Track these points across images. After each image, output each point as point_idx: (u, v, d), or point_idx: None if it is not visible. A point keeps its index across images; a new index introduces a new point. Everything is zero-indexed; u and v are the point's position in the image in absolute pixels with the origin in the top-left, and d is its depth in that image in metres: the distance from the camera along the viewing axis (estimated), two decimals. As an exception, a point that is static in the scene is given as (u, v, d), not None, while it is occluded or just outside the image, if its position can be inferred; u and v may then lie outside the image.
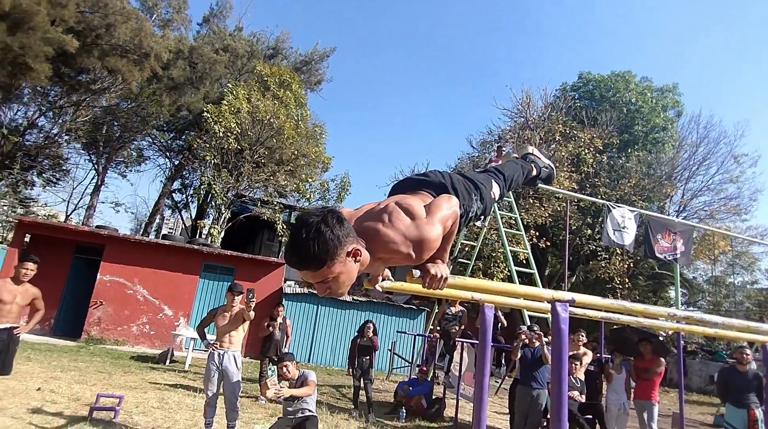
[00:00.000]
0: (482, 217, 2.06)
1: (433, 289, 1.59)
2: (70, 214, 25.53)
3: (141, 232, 24.79)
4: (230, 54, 18.99)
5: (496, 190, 1.98)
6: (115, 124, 21.75)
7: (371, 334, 7.27)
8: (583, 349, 6.56)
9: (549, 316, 1.93)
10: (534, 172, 2.38)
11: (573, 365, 5.97)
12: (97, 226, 12.84)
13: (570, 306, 1.87)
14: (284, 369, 4.35)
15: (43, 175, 22.49)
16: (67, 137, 21.34)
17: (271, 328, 7.43)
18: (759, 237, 18.48)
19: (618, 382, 6.81)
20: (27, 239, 11.14)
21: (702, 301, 20.76)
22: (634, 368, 6.85)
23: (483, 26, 60.60)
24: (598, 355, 8.10)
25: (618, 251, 16.06)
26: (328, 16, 57.84)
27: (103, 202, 33.35)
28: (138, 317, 11.51)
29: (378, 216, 1.47)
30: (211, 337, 5.96)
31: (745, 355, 5.87)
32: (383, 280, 2.15)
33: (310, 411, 4.26)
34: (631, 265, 16.47)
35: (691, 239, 10.37)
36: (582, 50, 55.77)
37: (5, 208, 19.84)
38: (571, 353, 6.35)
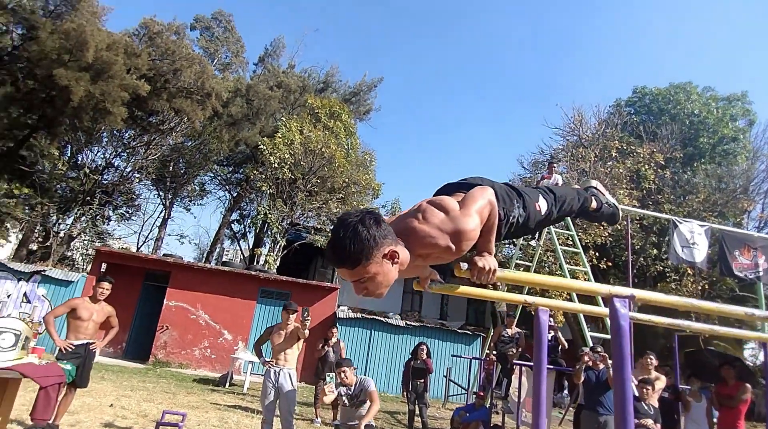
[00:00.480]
0: (532, 231, 2.00)
1: (482, 282, 1.57)
2: (141, 245, 27.41)
3: (203, 261, 26.12)
4: (283, 90, 20.06)
5: (542, 204, 1.91)
6: (181, 161, 23.41)
7: (425, 356, 7.14)
8: (654, 374, 6.06)
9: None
10: (594, 205, 2.25)
11: (644, 390, 5.53)
12: (164, 255, 13.68)
13: (630, 303, 1.78)
14: (342, 374, 4.48)
15: (118, 210, 24.45)
16: (138, 175, 23.21)
17: (326, 348, 7.49)
18: None
19: (698, 411, 6.23)
20: (103, 268, 12.05)
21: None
22: (716, 395, 6.24)
23: (531, 46, 60.21)
24: (674, 383, 7.48)
25: (689, 271, 14.90)
26: (376, 46, 59.83)
27: (169, 235, 35.67)
28: (200, 341, 11.99)
29: (412, 215, 1.52)
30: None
31: None
32: (432, 282, 2.15)
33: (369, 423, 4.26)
34: (706, 286, 15.14)
35: (775, 255, 9.45)
36: (635, 65, 53.80)
37: (86, 241, 21.63)
38: (640, 377, 5.90)
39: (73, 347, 4.60)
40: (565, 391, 7.32)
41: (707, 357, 6.58)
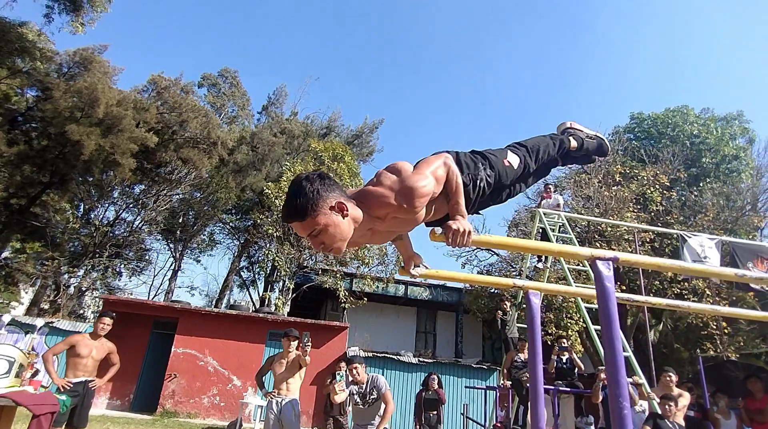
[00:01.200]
0: (511, 188, 1.96)
1: (458, 245, 1.56)
2: (152, 298, 27.43)
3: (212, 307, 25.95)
4: (287, 136, 20.65)
5: (513, 159, 1.91)
6: (190, 212, 23.80)
7: (436, 386, 6.89)
8: (677, 390, 5.77)
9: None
10: (574, 144, 2.19)
11: (666, 406, 5.25)
12: (171, 301, 13.64)
13: (614, 263, 1.75)
14: (354, 370, 4.44)
15: (129, 264, 24.64)
16: (148, 228, 23.57)
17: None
18: None
19: (728, 429, 5.88)
20: (111, 317, 11.97)
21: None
22: (745, 411, 5.91)
23: (529, 80, 61.78)
24: (700, 401, 7.10)
25: (708, 292, 14.47)
26: (378, 89, 61.80)
27: (180, 287, 35.66)
28: (209, 389, 11.70)
29: (369, 181, 1.64)
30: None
31: None
32: (416, 267, 2.13)
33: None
34: (727, 306, 14.65)
35: (791, 265, 9.18)
36: (630, 92, 54.85)
37: (96, 297, 21.69)
38: (662, 394, 5.62)
39: (72, 385, 4.51)
40: (590, 417, 6.95)
41: (731, 369, 6.24)
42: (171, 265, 25.29)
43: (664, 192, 16.80)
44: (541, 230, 8.76)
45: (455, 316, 20.44)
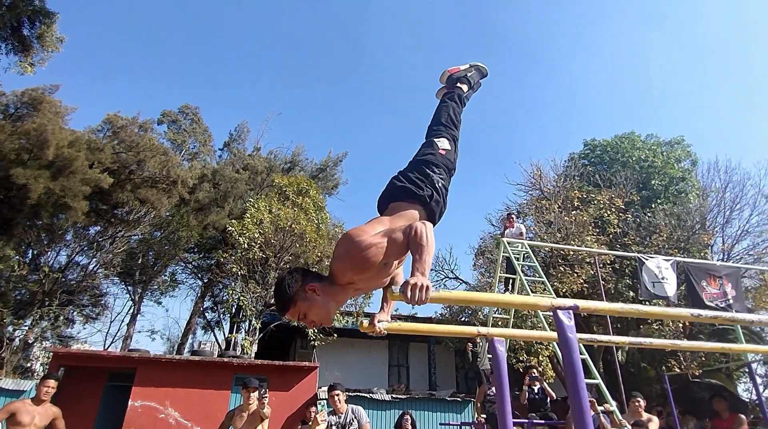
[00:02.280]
0: (454, 171, 2.22)
1: (416, 301, 1.53)
2: (108, 346, 25.80)
3: (175, 353, 24.63)
4: (250, 172, 20.39)
5: (444, 144, 2.18)
6: (150, 253, 22.84)
7: (409, 427, 6.69)
8: (646, 416, 5.83)
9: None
10: (465, 88, 2.48)
11: (638, 434, 5.28)
12: (128, 350, 12.85)
13: (574, 312, 1.74)
14: (336, 398, 4.51)
15: (83, 311, 23.23)
16: (105, 271, 22.40)
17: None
18: (820, 275, 17.03)
19: (698, 451, 5.94)
20: (60, 372, 11.14)
21: (780, 355, 18.55)
22: (713, 431, 6.01)
23: (485, 109, 64.03)
24: (670, 424, 7.19)
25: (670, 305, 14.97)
26: (340, 122, 62.44)
27: (139, 332, 33.82)
28: (170, 443, 10.94)
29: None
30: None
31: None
32: (380, 322, 2.11)
33: None
34: (688, 323, 15.16)
35: (740, 282, 9.64)
36: (583, 120, 57.75)
37: (46, 348, 20.22)
38: (632, 421, 5.66)
39: (11, 458, 4.10)
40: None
41: (696, 391, 6.39)
42: (129, 309, 24.05)
43: (620, 214, 17.51)
44: (506, 259, 8.86)
45: (427, 347, 20.23)
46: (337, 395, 4.53)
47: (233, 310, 20.44)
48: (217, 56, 54.33)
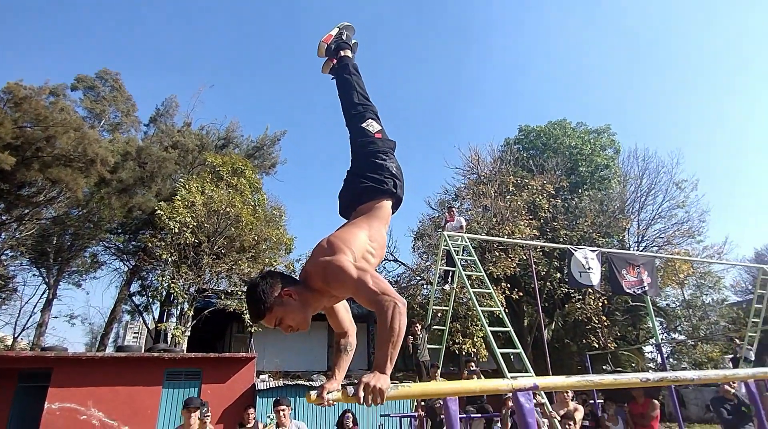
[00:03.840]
0: (395, 146, 2.27)
1: (369, 404, 1.41)
2: (18, 335, 23.59)
3: (98, 345, 23.08)
4: (180, 150, 19.02)
5: (373, 125, 2.21)
6: (66, 233, 20.89)
7: (351, 425, 6.71)
8: (572, 405, 6.23)
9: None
10: (349, 53, 2.52)
11: (567, 426, 5.62)
12: (42, 349, 11.77)
13: (534, 392, 1.69)
14: (282, 412, 4.66)
15: (-15, 298, 20.97)
16: (12, 253, 20.25)
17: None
18: (716, 255, 19.13)
19: (616, 434, 6.47)
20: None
21: (680, 326, 20.85)
22: (630, 415, 6.55)
23: (425, 91, 64.37)
24: (592, 401, 7.77)
25: (591, 290, 16.14)
26: (277, 99, 60.08)
27: (56, 317, 31.20)
28: (94, 445, 10.28)
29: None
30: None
31: (728, 387, 5.68)
32: (329, 392, 1.95)
33: None
34: (606, 301, 16.50)
35: (655, 269, 10.52)
36: (518, 106, 59.85)
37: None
38: (561, 412, 6.02)
39: None
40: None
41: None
42: (43, 293, 22.04)
43: (551, 199, 18.43)
44: (446, 252, 9.00)
45: (366, 327, 20.47)
46: (283, 410, 4.67)
47: (163, 296, 19.36)
48: (141, 17, 49.68)
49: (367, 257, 1.80)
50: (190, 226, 15.68)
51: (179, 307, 17.51)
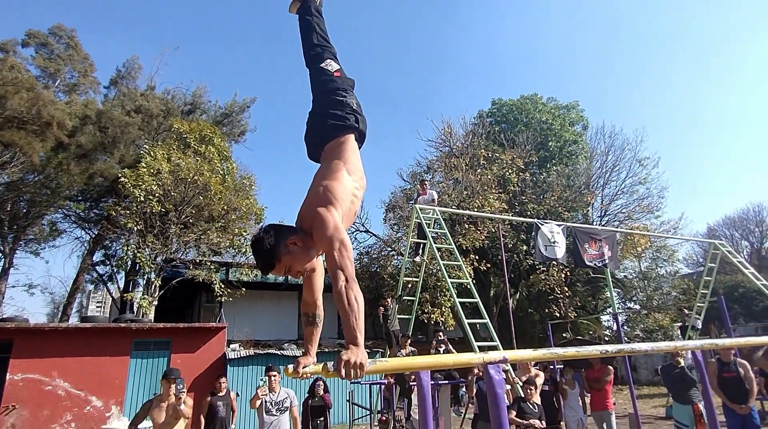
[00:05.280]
0: (354, 84, 2.33)
1: (351, 378, 1.47)
2: (-26, 305, 22.68)
3: (60, 316, 22.47)
4: (144, 114, 18.19)
5: (332, 65, 2.28)
6: (21, 199, 19.90)
7: (322, 392, 6.89)
8: (534, 371, 6.58)
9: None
10: (317, 2, 2.58)
11: (528, 390, 5.95)
12: (2, 319, 11.38)
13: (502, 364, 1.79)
14: (273, 378, 5.34)
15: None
16: (-38, 220, 19.20)
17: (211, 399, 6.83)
18: (672, 230, 20.14)
19: (573, 397, 6.89)
20: None
21: (636, 297, 22.06)
22: (586, 379, 6.98)
23: (400, 63, 63.36)
24: (551, 366, 8.20)
25: (554, 263, 16.77)
26: (247, 65, 57.91)
27: (13, 287, 30.05)
28: (60, 416, 10.17)
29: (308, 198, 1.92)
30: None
31: (677, 357, 6.10)
32: (305, 366, 2.01)
33: None
34: (568, 273, 17.20)
35: (616, 244, 11.00)
36: (492, 79, 59.83)
37: None
38: (524, 378, 6.35)
39: None
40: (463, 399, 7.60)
41: (575, 344, 7.37)
42: (-1, 261, 21.13)
43: (520, 173, 18.79)
44: (417, 225, 9.12)
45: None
46: (274, 376, 5.31)
47: (128, 265, 18.89)
48: (96, -33, 46.22)
49: (355, 194, 1.96)
50: (157, 195, 15.21)
51: (146, 277, 17.15)
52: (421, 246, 9.63)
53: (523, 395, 5.99)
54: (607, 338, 18.78)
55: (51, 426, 10.04)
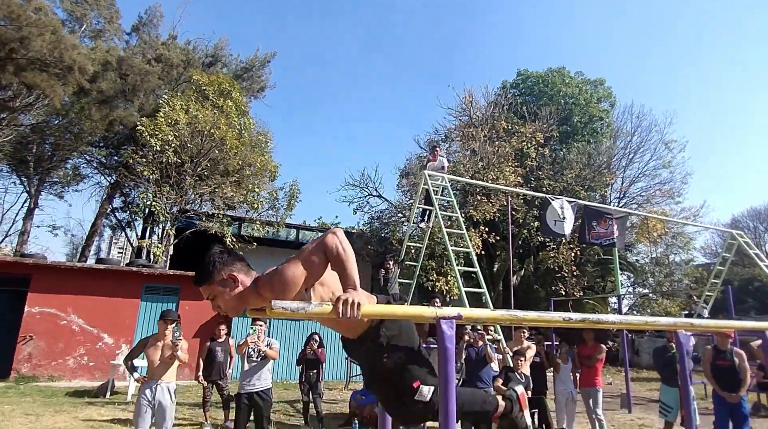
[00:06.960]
0: None
1: (348, 317, 1.52)
2: (1, 241, 23.74)
3: (78, 257, 23.35)
4: (164, 64, 18.16)
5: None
6: (46, 142, 20.39)
7: (316, 347, 7.10)
8: (526, 343, 6.63)
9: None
10: None
11: (518, 361, 6.02)
12: (21, 255, 11.89)
13: (457, 321, 1.79)
14: (259, 328, 5.65)
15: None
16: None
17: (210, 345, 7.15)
18: (692, 217, 19.63)
19: (565, 371, 6.96)
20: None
21: (646, 282, 21.79)
22: (578, 356, 7.03)
23: (427, 30, 61.45)
24: (549, 343, 8.23)
25: (565, 241, 16.59)
26: (270, 20, 56.88)
27: (38, 226, 31.26)
28: (74, 349, 10.76)
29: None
30: (140, 364, 5.55)
31: (672, 342, 6.07)
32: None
33: (267, 383, 5.56)
34: (578, 253, 17.02)
35: (625, 225, 10.79)
36: (519, 49, 57.66)
37: None
38: (515, 348, 6.42)
39: None
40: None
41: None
42: (25, 201, 21.93)
43: (539, 148, 18.35)
44: (425, 191, 9.06)
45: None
46: (260, 326, 5.71)
47: (145, 213, 19.37)
48: None
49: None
50: (173, 145, 15.39)
51: (161, 226, 17.62)
52: (428, 213, 9.60)
53: (512, 365, 6.07)
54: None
55: (65, 357, 10.64)
